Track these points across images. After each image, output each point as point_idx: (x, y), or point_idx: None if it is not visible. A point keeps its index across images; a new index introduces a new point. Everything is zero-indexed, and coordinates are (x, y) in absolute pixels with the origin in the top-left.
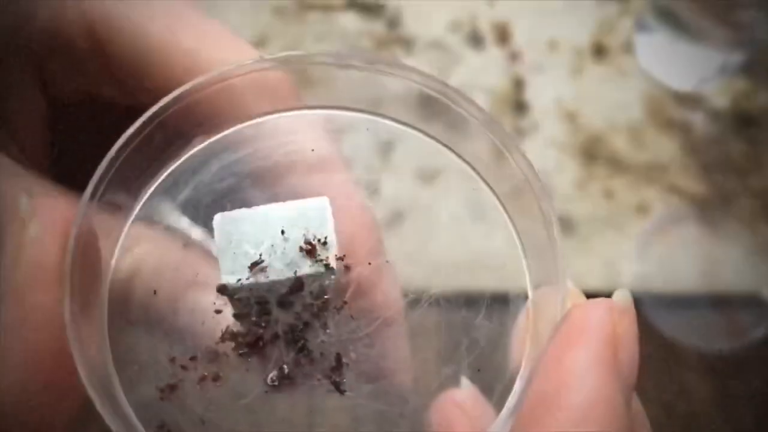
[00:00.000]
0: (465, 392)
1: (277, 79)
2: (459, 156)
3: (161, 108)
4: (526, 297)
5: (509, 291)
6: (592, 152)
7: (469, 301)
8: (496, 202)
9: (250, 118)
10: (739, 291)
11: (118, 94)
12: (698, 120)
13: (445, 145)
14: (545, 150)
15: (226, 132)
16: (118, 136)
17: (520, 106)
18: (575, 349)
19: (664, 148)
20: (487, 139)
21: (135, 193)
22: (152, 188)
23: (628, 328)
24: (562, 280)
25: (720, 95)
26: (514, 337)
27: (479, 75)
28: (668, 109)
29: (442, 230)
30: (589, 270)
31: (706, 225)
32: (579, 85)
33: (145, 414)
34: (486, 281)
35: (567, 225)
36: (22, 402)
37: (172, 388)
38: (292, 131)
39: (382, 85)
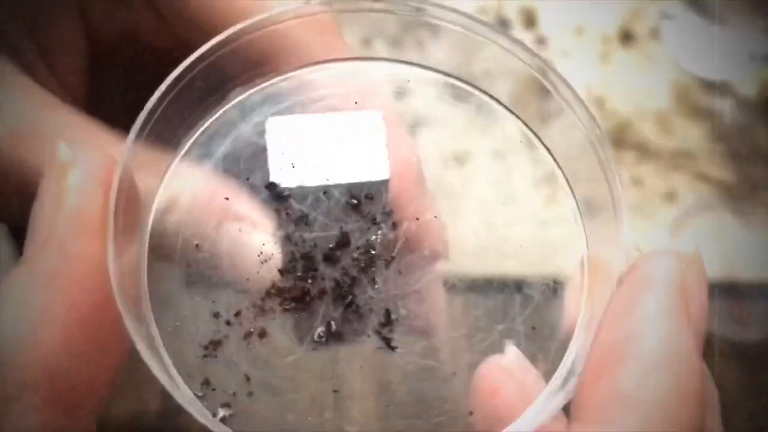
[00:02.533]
0: (511, 357)
1: (326, 25)
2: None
3: (207, 51)
4: (582, 255)
5: (565, 249)
6: (620, 139)
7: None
8: (553, 165)
9: (298, 65)
10: (766, 280)
11: (159, 34)
12: (726, 107)
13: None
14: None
15: (262, 85)
16: (157, 78)
17: (546, 92)
18: (644, 297)
19: (692, 135)
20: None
21: (173, 147)
22: (190, 142)
23: (697, 277)
24: (623, 237)
25: (748, 83)
26: (569, 294)
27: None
28: (696, 97)
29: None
30: None
31: (733, 213)
32: (606, 72)
33: (188, 370)
34: (541, 244)
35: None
36: (61, 358)
37: (216, 344)
38: (334, 83)
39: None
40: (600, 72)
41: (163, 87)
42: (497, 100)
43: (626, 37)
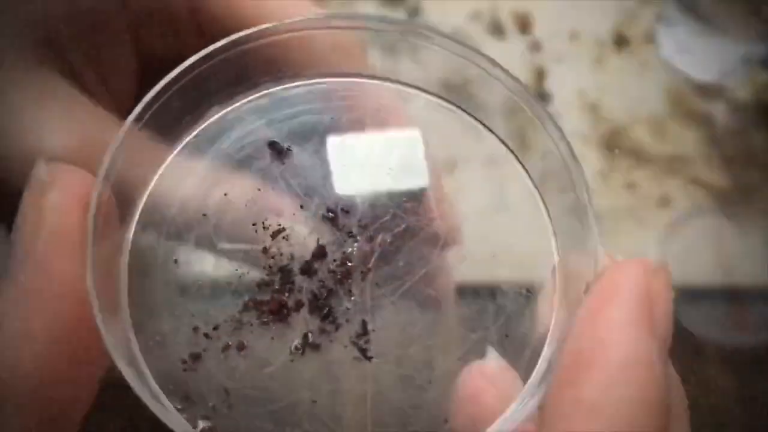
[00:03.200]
0: (492, 364)
1: (347, 40)
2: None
3: (179, 74)
4: (554, 263)
5: (537, 257)
6: (614, 144)
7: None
8: (525, 177)
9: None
10: (761, 285)
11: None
12: (720, 112)
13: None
14: None
15: (241, 102)
16: None
17: (541, 97)
18: (610, 307)
19: (686, 140)
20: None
21: (175, 135)
22: (169, 158)
23: (662, 286)
24: (593, 243)
25: (742, 87)
26: (542, 302)
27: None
28: (690, 101)
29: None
30: None
31: (727, 218)
32: (600, 76)
33: (168, 384)
34: (513, 252)
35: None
36: (44, 372)
37: (196, 357)
38: (309, 100)
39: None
40: (594, 77)
41: (138, 108)
42: (491, 105)
43: (621, 41)
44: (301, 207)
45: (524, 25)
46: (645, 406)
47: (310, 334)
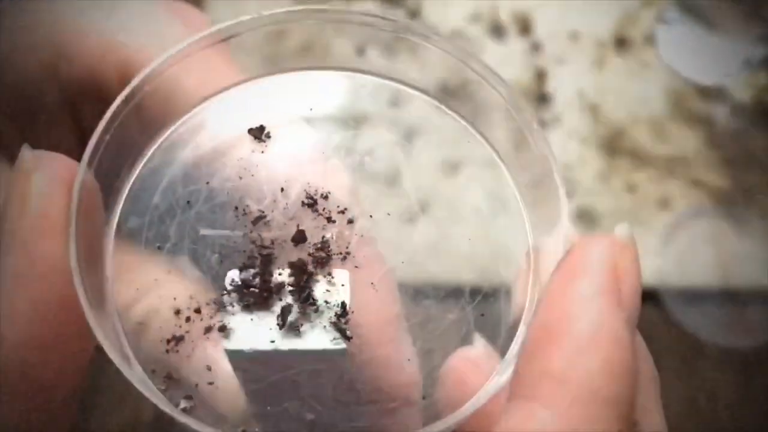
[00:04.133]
0: (478, 349)
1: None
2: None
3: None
4: (528, 245)
5: (510, 241)
6: (615, 145)
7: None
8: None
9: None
10: (761, 286)
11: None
12: (721, 114)
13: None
14: (567, 143)
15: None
16: None
17: (542, 99)
18: (578, 281)
19: (687, 141)
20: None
21: (134, 156)
22: (151, 150)
23: (629, 261)
24: (563, 223)
25: (742, 89)
26: (517, 281)
27: (500, 66)
28: (690, 103)
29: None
30: None
31: (727, 220)
32: (601, 78)
33: (151, 365)
34: (493, 247)
35: (589, 218)
36: (30, 352)
37: (178, 339)
38: (288, 90)
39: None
40: (595, 78)
41: (118, 100)
42: (490, 105)
43: (621, 43)
44: (282, 191)
45: (524, 26)
46: (612, 375)
47: (290, 317)
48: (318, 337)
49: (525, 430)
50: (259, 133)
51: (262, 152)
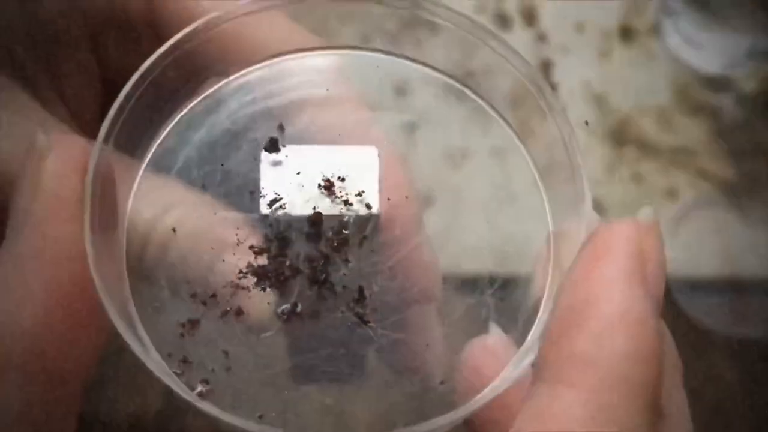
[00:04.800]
0: (494, 338)
1: (286, 21)
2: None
3: (172, 47)
4: (548, 231)
5: (530, 227)
6: (621, 136)
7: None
8: (529, 163)
9: (261, 59)
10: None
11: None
12: (727, 104)
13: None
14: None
15: (238, 74)
16: None
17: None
18: (602, 264)
19: (693, 132)
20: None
21: (149, 136)
22: (166, 130)
23: (654, 244)
24: (585, 208)
25: (748, 79)
26: (537, 269)
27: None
28: (696, 93)
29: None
30: None
31: (734, 210)
32: (606, 68)
33: (166, 349)
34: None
35: (596, 208)
36: (42, 335)
37: (194, 323)
38: (305, 72)
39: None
40: (600, 68)
41: (129, 85)
42: (492, 102)
43: (626, 33)
44: (298, 174)
45: (530, 16)
46: (639, 358)
47: (307, 300)
48: (335, 322)
49: (550, 413)
50: (275, 113)
51: (280, 135)
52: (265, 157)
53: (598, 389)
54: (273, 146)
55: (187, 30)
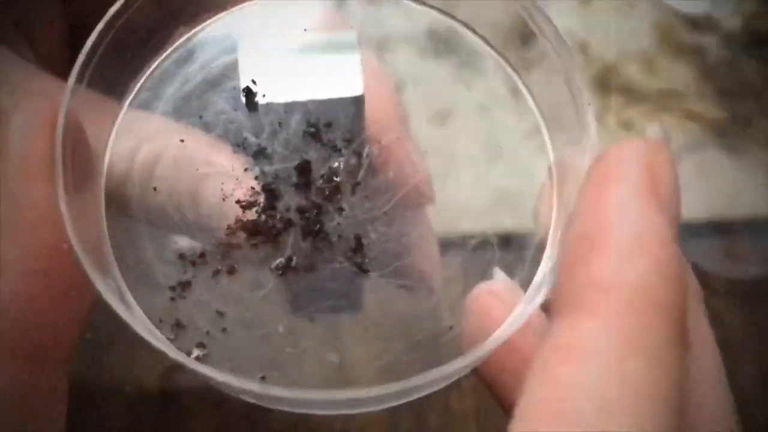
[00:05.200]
0: (500, 282)
1: None
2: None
3: None
4: (549, 162)
5: (531, 161)
6: (606, 83)
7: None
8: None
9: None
10: (761, 216)
11: None
12: (711, 44)
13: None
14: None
15: (209, 21)
16: None
17: (526, 38)
18: (613, 185)
19: (679, 74)
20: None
21: (121, 91)
22: (138, 84)
23: (665, 162)
24: (588, 136)
25: (731, 17)
26: (540, 202)
27: (483, 7)
28: (680, 35)
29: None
30: None
31: (725, 150)
32: (588, 15)
33: (157, 313)
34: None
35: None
36: (24, 305)
37: (185, 285)
38: (280, 15)
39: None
40: (582, 16)
41: (102, 24)
42: (480, 51)
43: None
44: (280, 125)
45: None
46: (664, 278)
47: (294, 257)
48: (334, 273)
49: (573, 345)
50: (253, 60)
51: (256, 81)
52: (245, 106)
53: (625, 314)
54: (250, 96)
55: None
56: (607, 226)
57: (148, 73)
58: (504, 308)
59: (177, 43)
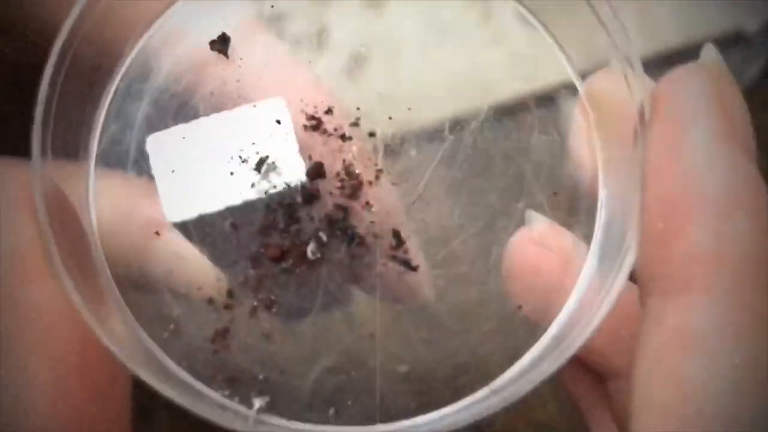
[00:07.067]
0: (539, 226)
1: None
2: None
3: (69, 34)
4: (575, 90)
5: (553, 90)
6: None
7: (515, 120)
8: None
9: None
10: (721, 33)
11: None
12: None
13: None
14: None
15: (150, 30)
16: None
17: None
18: (686, 132)
19: None
20: None
21: (86, 134)
22: (101, 121)
23: (731, 88)
24: (621, 53)
25: None
26: (575, 141)
27: None
28: None
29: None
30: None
31: None
32: None
33: (204, 372)
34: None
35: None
36: (67, 411)
37: (224, 333)
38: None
39: None
40: None
41: (43, 93)
42: None
43: None
44: (278, 123)
45: None
46: (764, 233)
47: (332, 271)
48: (381, 278)
49: (689, 331)
50: (223, 47)
51: (237, 80)
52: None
53: (739, 284)
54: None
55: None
56: (693, 186)
57: (105, 107)
58: (554, 257)
59: (126, 65)
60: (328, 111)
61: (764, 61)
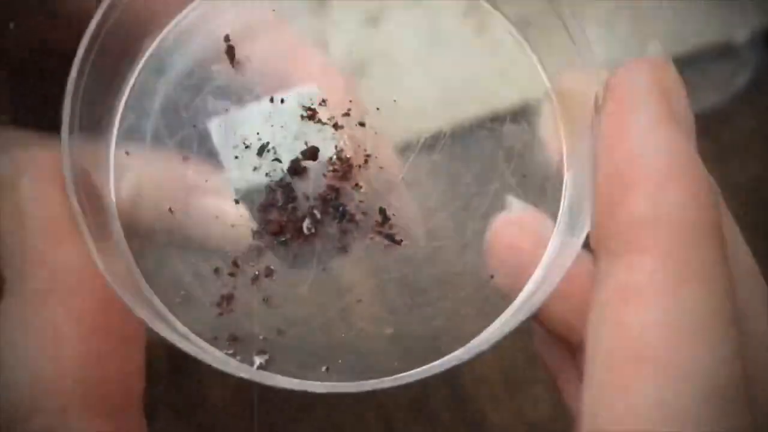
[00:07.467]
0: (517, 210)
1: None
2: None
3: (102, 18)
4: (545, 86)
5: (526, 89)
6: None
7: (490, 115)
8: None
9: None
10: (711, 44)
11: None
12: None
13: None
14: None
15: (174, 22)
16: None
17: None
18: (633, 115)
19: None
20: None
21: (108, 113)
22: (121, 104)
23: (674, 78)
24: (584, 55)
25: None
26: (544, 129)
27: None
28: None
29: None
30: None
31: None
32: None
33: (211, 333)
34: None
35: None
36: (89, 363)
37: (228, 298)
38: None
39: None
40: None
41: (74, 72)
42: None
43: None
44: (310, 110)
45: None
46: (701, 200)
47: (326, 245)
48: (368, 251)
49: (630, 285)
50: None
51: (242, 75)
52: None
53: (674, 245)
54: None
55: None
56: (636, 159)
57: (127, 92)
58: (529, 238)
59: (149, 52)
60: (323, 102)
61: (752, 70)
